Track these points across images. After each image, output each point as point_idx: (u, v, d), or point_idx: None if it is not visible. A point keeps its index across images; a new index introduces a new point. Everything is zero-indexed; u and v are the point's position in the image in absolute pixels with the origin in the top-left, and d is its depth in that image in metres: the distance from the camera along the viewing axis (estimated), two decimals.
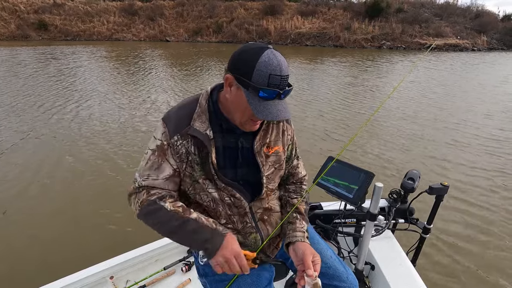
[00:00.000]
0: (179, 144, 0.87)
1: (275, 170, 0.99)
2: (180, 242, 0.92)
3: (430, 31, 23.10)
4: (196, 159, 0.88)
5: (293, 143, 1.06)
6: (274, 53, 0.78)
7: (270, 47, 0.79)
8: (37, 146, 4.74)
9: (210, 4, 29.59)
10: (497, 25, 24.58)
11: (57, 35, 28.40)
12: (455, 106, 7.29)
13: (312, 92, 8.55)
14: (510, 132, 5.57)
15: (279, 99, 0.80)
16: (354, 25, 24.38)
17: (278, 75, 0.76)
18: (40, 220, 2.99)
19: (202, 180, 0.90)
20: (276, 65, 0.76)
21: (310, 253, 0.92)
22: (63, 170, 4.00)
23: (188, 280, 1.63)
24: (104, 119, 6.01)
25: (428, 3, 27.18)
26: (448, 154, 4.58)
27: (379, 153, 4.55)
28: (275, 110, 0.79)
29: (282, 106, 0.81)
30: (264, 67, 0.75)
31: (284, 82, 0.78)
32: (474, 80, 10.76)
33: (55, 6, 30.56)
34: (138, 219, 0.90)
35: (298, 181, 1.12)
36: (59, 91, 8.27)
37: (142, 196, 0.88)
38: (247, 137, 0.93)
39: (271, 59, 0.76)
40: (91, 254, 2.14)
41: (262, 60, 0.76)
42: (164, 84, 9.44)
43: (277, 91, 0.78)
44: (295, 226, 1.01)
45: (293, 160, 1.09)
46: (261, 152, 0.94)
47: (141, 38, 28.24)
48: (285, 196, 1.09)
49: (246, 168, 0.94)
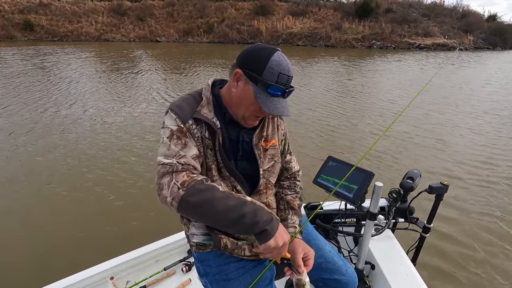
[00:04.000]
0: (194, 128, 0.88)
1: (275, 163, 1.03)
2: (231, 223, 0.82)
3: (419, 31, 23.52)
4: (210, 144, 0.91)
5: (286, 139, 1.11)
6: (283, 55, 0.88)
7: (279, 50, 0.88)
8: (41, 141, 4.63)
9: (200, 4, 29.40)
10: (483, 25, 25.21)
11: (44, 36, 27.74)
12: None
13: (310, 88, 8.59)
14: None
15: (283, 98, 0.89)
16: (344, 25, 24.61)
17: (286, 74, 0.86)
18: (40, 220, 2.96)
19: (214, 166, 0.92)
20: (285, 65, 0.86)
21: (301, 251, 0.94)
22: (63, 170, 3.96)
23: (188, 281, 1.62)
24: (102, 116, 5.91)
25: (416, 3, 27.68)
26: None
27: (379, 152, 4.59)
28: (280, 106, 0.87)
29: (285, 103, 0.90)
30: (276, 65, 0.85)
31: (289, 82, 0.88)
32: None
33: (41, 6, 29.84)
34: (175, 202, 0.79)
35: (292, 176, 1.15)
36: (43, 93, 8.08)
37: (182, 177, 0.80)
38: (248, 131, 0.97)
39: (282, 60, 0.86)
40: (91, 255, 2.13)
41: (274, 59, 0.85)
42: (155, 85, 9.33)
43: (283, 88, 0.86)
44: (287, 222, 1.03)
45: (286, 155, 1.12)
46: (259, 145, 0.98)
47: (131, 39, 27.85)
48: (279, 193, 1.12)
49: (245, 161, 0.97)
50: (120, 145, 4.81)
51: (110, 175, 3.84)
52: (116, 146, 4.75)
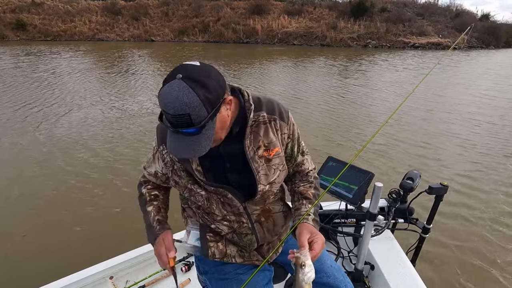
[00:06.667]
0: (164, 153, 0.93)
1: (280, 172, 0.95)
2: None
3: (413, 30, 23.68)
4: (181, 167, 0.91)
5: (293, 140, 0.97)
6: (177, 86, 0.68)
7: (178, 78, 0.69)
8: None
9: (195, 3, 29.23)
10: (476, 24, 25.46)
11: (37, 35, 27.33)
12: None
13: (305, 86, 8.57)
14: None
15: (184, 135, 0.73)
16: (340, 24, 24.68)
17: (168, 113, 0.69)
18: (39, 221, 2.95)
19: (190, 185, 0.92)
20: (168, 101, 0.68)
21: (308, 232, 0.87)
22: (63, 170, 3.95)
23: (187, 280, 1.62)
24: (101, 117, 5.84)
25: (410, 2, 27.85)
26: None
27: (378, 152, 4.59)
28: (178, 145, 0.75)
29: (194, 141, 0.73)
30: (160, 101, 0.70)
31: (179, 120, 0.69)
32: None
33: (33, 5, 29.39)
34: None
35: (304, 176, 1.05)
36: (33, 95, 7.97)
37: (140, 178, 1.11)
38: (229, 143, 0.86)
39: (166, 94, 0.69)
40: (91, 254, 2.12)
41: (160, 93, 0.71)
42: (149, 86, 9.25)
43: (173, 130, 0.72)
44: (300, 211, 0.97)
45: (296, 157, 1.00)
46: (256, 158, 0.88)
47: (125, 38, 27.59)
48: (292, 188, 1.04)
49: (236, 173, 0.91)
50: (125, 145, 4.80)
51: (110, 176, 3.83)
52: (122, 146, 4.74)
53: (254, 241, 0.98)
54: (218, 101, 0.73)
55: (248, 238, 0.98)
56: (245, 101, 0.87)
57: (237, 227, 0.96)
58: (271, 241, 1.05)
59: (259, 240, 0.99)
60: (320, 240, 0.85)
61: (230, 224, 0.96)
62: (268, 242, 1.04)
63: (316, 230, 0.90)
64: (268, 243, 1.05)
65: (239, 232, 0.97)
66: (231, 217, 0.95)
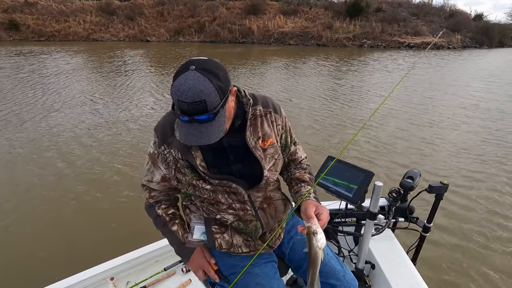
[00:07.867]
0: (166, 153, 0.95)
1: (276, 161, 1.01)
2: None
3: (408, 30, 23.86)
4: (185, 164, 0.94)
5: (286, 131, 1.06)
6: (191, 76, 0.74)
7: (191, 69, 0.75)
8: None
9: (191, 3, 29.14)
10: (470, 24, 25.74)
11: (30, 36, 27.03)
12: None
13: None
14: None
15: (201, 123, 0.79)
16: (335, 24, 24.78)
17: (184, 101, 0.75)
18: (39, 221, 2.93)
19: (195, 181, 0.94)
20: (184, 90, 0.74)
21: (313, 206, 0.94)
22: (62, 171, 3.93)
23: (188, 281, 1.62)
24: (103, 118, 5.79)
25: (405, 2, 28.07)
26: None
27: (379, 152, 4.59)
28: (191, 133, 0.80)
29: (204, 129, 0.79)
30: (174, 92, 0.76)
31: (194, 108, 0.75)
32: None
33: (26, 5, 29.06)
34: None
35: (298, 164, 1.15)
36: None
37: (145, 194, 1.09)
38: (232, 136, 0.92)
39: (182, 84, 0.74)
40: (91, 255, 2.12)
41: (175, 85, 0.76)
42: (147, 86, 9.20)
43: (187, 118, 0.77)
44: (301, 192, 1.05)
45: (290, 147, 1.09)
46: (257, 146, 0.95)
47: (120, 38, 27.40)
48: (289, 176, 1.12)
49: (240, 164, 0.96)
50: (128, 146, 4.77)
51: (111, 176, 3.81)
52: (125, 147, 4.71)
53: (259, 227, 1.02)
54: (228, 90, 0.80)
55: (253, 225, 1.02)
56: (243, 97, 0.95)
57: (242, 214, 1.00)
58: (274, 229, 1.09)
59: (264, 227, 1.03)
60: (325, 211, 0.93)
61: (236, 212, 0.99)
62: (271, 229, 1.08)
63: (318, 204, 0.98)
64: (271, 230, 1.09)
65: (244, 219, 1.01)
66: (236, 205, 0.98)
